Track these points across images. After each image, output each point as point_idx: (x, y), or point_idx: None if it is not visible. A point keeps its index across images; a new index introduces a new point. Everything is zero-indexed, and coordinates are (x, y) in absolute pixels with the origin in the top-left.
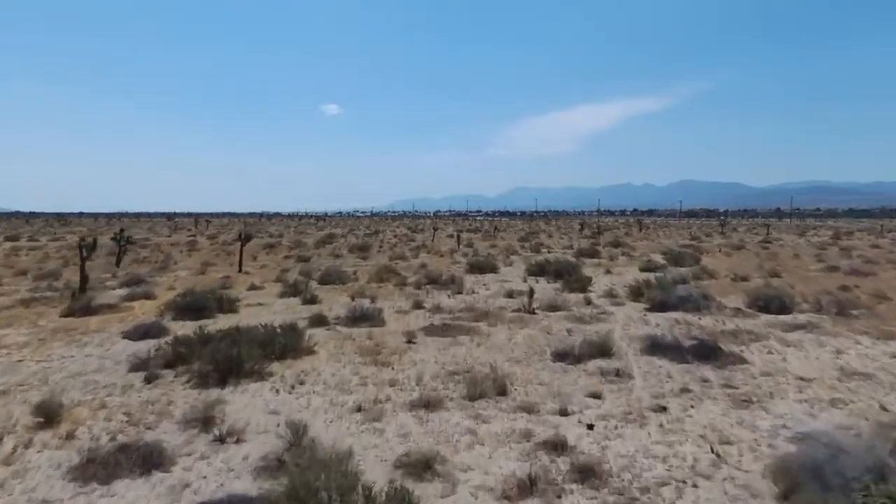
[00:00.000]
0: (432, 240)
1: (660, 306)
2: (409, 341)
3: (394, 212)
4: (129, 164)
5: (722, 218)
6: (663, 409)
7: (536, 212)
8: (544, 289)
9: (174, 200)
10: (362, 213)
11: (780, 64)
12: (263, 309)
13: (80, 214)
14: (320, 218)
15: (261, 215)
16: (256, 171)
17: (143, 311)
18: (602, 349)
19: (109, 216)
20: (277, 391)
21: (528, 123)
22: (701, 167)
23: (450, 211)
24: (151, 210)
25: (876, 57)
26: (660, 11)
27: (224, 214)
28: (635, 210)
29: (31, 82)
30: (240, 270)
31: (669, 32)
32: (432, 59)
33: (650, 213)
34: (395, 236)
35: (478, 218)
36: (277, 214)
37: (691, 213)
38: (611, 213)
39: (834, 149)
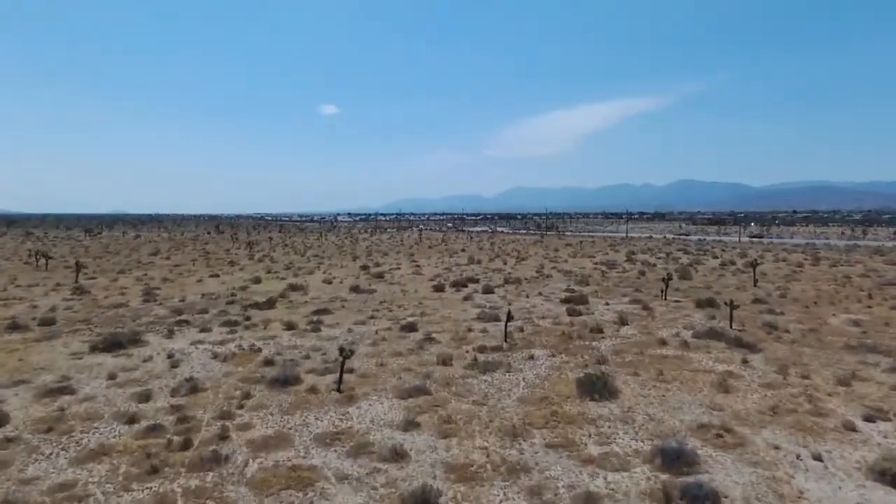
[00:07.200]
0: (337, 388)
1: None
2: None
3: (383, 215)
4: (128, 166)
5: None
6: None
7: (541, 215)
8: None
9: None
10: (351, 216)
11: (778, 65)
12: None
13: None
14: (284, 226)
15: (229, 220)
16: (256, 172)
17: None
18: None
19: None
20: None
21: (526, 123)
22: (700, 167)
23: (445, 214)
24: (150, 212)
25: (874, 57)
26: (657, 12)
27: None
28: (642, 213)
29: (29, 85)
30: None
31: (667, 33)
32: (430, 60)
33: (659, 216)
34: (288, 326)
35: (474, 230)
36: (263, 218)
37: (719, 221)
38: (618, 216)
39: (832, 149)
